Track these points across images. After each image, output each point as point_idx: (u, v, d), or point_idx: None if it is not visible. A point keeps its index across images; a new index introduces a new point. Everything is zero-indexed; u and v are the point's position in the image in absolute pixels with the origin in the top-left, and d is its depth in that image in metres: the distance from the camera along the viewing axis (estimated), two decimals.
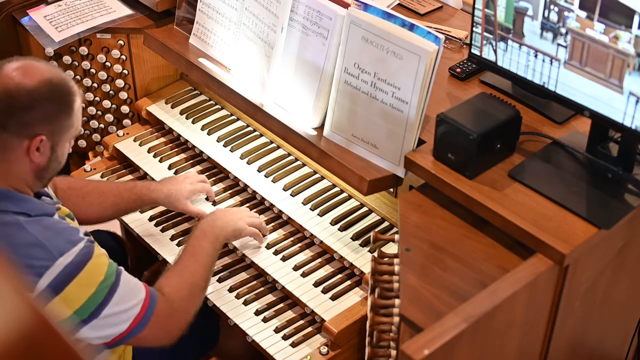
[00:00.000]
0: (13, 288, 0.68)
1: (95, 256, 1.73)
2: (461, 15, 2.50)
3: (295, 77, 2.16)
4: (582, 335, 1.98)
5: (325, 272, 2.12)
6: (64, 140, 1.76)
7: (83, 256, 1.71)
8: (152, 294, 1.81)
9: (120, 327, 1.76)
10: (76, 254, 1.70)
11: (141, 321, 1.77)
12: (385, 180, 2.01)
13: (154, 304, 1.80)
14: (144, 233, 2.31)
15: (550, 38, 1.79)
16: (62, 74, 1.77)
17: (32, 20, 2.61)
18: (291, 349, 1.99)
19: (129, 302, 1.76)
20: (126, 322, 1.76)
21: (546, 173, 1.86)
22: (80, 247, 1.71)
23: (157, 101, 2.63)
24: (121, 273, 1.77)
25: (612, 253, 1.84)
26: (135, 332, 1.77)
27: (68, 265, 1.68)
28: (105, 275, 1.73)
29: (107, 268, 1.74)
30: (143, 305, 1.78)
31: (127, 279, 1.78)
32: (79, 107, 1.78)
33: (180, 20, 2.55)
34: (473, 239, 1.79)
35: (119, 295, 1.74)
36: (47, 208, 1.77)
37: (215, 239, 2.01)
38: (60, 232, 1.73)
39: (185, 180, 2.26)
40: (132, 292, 1.78)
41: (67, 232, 1.73)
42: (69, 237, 1.72)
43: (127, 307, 1.76)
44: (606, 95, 1.72)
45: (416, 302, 1.63)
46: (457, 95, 2.13)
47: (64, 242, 1.71)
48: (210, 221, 2.04)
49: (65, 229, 1.74)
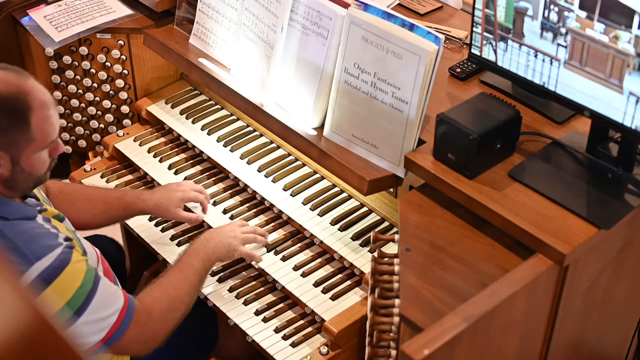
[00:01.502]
0: (13, 288, 0.68)
1: (72, 262, 1.70)
2: (461, 15, 2.50)
3: (295, 77, 2.16)
4: (582, 335, 1.98)
5: (325, 272, 2.12)
6: (28, 153, 1.69)
7: (61, 262, 1.68)
8: (130, 303, 1.78)
9: (97, 336, 1.73)
10: (53, 259, 1.67)
11: (117, 330, 1.75)
12: (385, 180, 2.01)
13: (132, 313, 1.77)
14: (144, 233, 2.31)
15: (550, 38, 1.79)
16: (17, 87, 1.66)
17: (32, 20, 2.61)
18: (291, 349, 1.99)
19: (106, 310, 1.73)
20: (103, 331, 1.73)
21: (546, 173, 1.86)
22: (57, 252, 1.68)
23: (157, 101, 2.63)
24: (100, 280, 1.74)
25: (612, 253, 1.84)
26: (111, 342, 1.75)
27: (45, 270, 1.66)
28: (82, 282, 1.70)
29: (85, 274, 1.71)
30: (120, 313, 1.75)
31: (106, 287, 1.75)
32: (42, 119, 1.68)
33: (180, 20, 2.55)
34: (473, 239, 1.79)
35: (96, 303, 1.71)
36: (28, 211, 1.75)
37: (207, 259, 1.98)
38: (38, 237, 1.70)
39: (177, 189, 2.22)
40: (110, 300, 1.75)
41: (44, 237, 1.71)
42: (47, 241, 1.70)
43: (104, 316, 1.73)
44: (606, 95, 1.72)
45: (416, 302, 1.63)
46: (457, 95, 2.13)
47: (41, 247, 1.68)
48: (203, 241, 2.02)
49: (43, 233, 1.71)
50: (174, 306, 1.88)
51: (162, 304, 1.86)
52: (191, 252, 1.98)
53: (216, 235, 2.04)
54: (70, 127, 2.77)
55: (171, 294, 1.88)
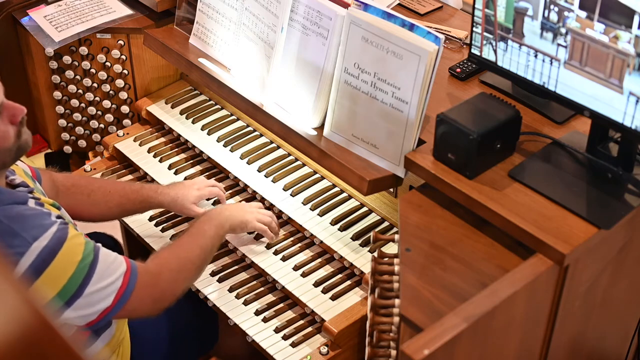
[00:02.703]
0: (13, 288, 0.69)
1: (70, 237, 1.72)
2: (461, 15, 2.50)
3: (295, 77, 2.16)
4: (582, 335, 1.98)
5: (325, 272, 2.12)
6: None
7: (58, 239, 1.70)
8: (132, 267, 1.81)
9: (105, 302, 1.76)
10: (50, 237, 1.69)
11: (124, 294, 1.78)
12: (385, 180, 2.01)
13: (135, 275, 1.80)
14: (144, 233, 2.31)
15: (550, 38, 1.79)
16: None
17: (32, 20, 2.61)
18: (291, 349, 1.99)
19: (110, 277, 1.76)
20: (110, 296, 1.76)
21: (546, 173, 1.86)
22: (53, 230, 1.71)
23: (157, 101, 2.63)
24: (99, 250, 1.78)
25: (612, 253, 1.84)
26: (120, 305, 1.78)
27: (44, 249, 1.68)
28: (83, 255, 1.73)
29: (84, 247, 1.74)
30: (124, 278, 1.78)
31: (106, 255, 1.78)
32: None
33: (180, 20, 2.55)
34: (473, 239, 1.79)
35: (99, 272, 1.74)
36: (18, 196, 1.76)
37: (220, 226, 2.01)
38: (32, 218, 1.72)
39: (192, 186, 2.25)
40: (112, 266, 1.78)
41: (38, 217, 1.73)
42: (41, 221, 1.72)
43: (109, 282, 1.76)
44: (606, 95, 1.72)
45: (416, 302, 1.63)
46: (457, 95, 2.13)
47: (37, 227, 1.70)
48: (218, 210, 2.06)
49: (36, 214, 1.73)
50: (184, 267, 1.90)
51: (170, 264, 1.89)
52: (204, 219, 2.01)
53: (232, 208, 2.10)
54: (70, 127, 2.77)
55: (180, 255, 1.91)
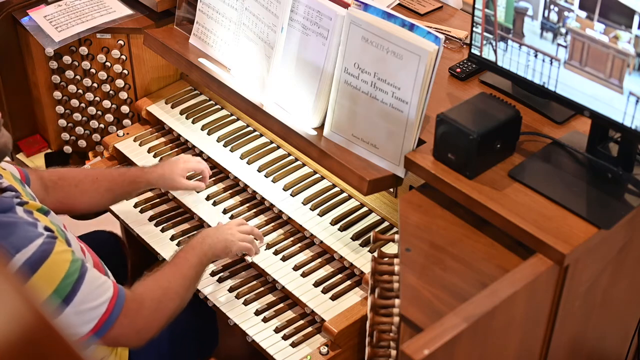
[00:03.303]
0: (13, 288, 0.68)
1: (55, 252, 1.65)
2: (461, 15, 2.50)
3: (295, 77, 2.16)
4: (582, 335, 1.98)
5: (325, 272, 2.12)
6: None
7: (42, 252, 1.64)
8: (120, 293, 1.75)
9: (86, 326, 1.69)
10: (34, 250, 1.63)
11: (107, 321, 1.71)
12: (385, 180, 2.00)
13: (122, 303, 1.74)
14: (144, 233, 2.31)
15: (550, 38, 1.79)
16: None
17: (32, 20, 2.61)
18: (291, 349, 1.99)
19: (94, 301, 1.70)
20: (92, 321, 1.69)
21: (546, 173, 1.86)
22: (38, 243, 1.64)
23: (157, 101, 2.63)
24: (87, 271, 1.70)
25: (612, 253, 1.84)
26: (101, 332, 1.71)
27: (26, 262, 1.62)
28: (67, 272, 1.66)
29: (70, 265, 1.67)
30: (110, 303, 1.72)
31: (94, 277, 1.72)
32: None
33: (180, 20, 2.55)
34: (473, 239, 1.79)
35: (82, 294, 1.67)
36: (4, 202, 1.69)
37: (204, 254, 1.97)
38: (16, 228, 1.65)
39: (178, 160, 2.27)
40: (98, 290, 1.71)
41: (23, 228, 1.66)
42: (26, 233, 1.65)
43: (92, 306, 1.69)
44: (606, 95, 1.72)
45: (416, 302, 1.63)
46: (457, 95, 2.13)
47: (20, 239, 1.64)
48: (200, 238, 2.01)
49: (21, 224, 1.67)
50: (167, 297, 1.85)
51: (154, 294, 1.83)
52: (187, 248, 1.98)
53: (213, 233, 2.04)
54: (70, 127, 2.77)
55: (164, 285, 1.86)
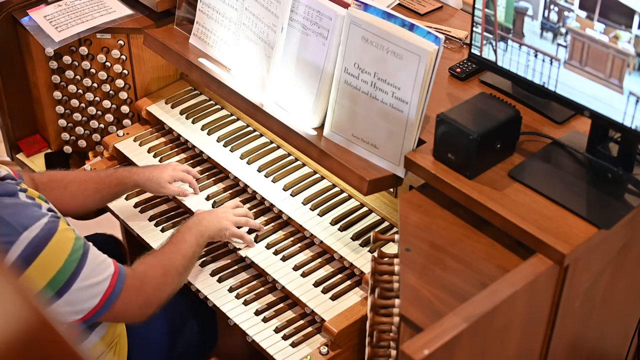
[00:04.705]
0: (13, 287, 0.68)
1: (60, 230, 1.75)
2: (461, 15, 2.50)
3: (295, 77, 2.16)
4: (582, 335, 1.98)
5: (325, 272, 2.12)
6: None
7: (48, 230, 1.73)
8: (120, 270, 1.84)
9: (92, 301, 1.78)
10: (40, 228, 1.72)
11: (110, 295, 1.80)
12: (385, 180, 2.00)
13: (123, 278, 1.83)
14: (144, 233, 2.31)
15: (550, 38, 1.79)
16: None
17: (32, 20, 2.61)
18: (291, 349, 1.99)
19: (98, 276, 1.79)
20: (97, 296, 1.79)
21: (546, 173, 1.86)
22: (44, 221, 1.73)
23: (157, 101, 2.63)
24: (89, 248, 1.80)
25: (612, 253, 1.84)
26: (106, 307, 1.80)
27: (33, 239, 1.71)
28: (72, 249, 1.75)
29: (74, 242, 1.77)
30: (112, 279, 1.81)
31: (95, 254, 1.81)
32: None
33: (180, 20, 2.55)
34: (473, 239, 1.79)
35: (87, 269, 1.77)
36: (8, 187, 1.79)
37: (200, 235, 2.05)
38: (23, 208, 1.75)
39: (167, 167, 2.31)
40: (101, 267, 1.81)
41: (29, 209, 1.76)
42: (32, 212, 1.75)
43: (96, 281, 1.78)
44: (606, 95, 1.72)
45: (416, 302, 1.63)
46: (457, 95, 2.13)
47: (27, 218, 1.73)
48: (196, 219, 2.09)
49: (27, 205, 1.77)
50: (168, 273, 1.94)
51: (155, 270, 1.92)
52: (184, 229, 2.05)
53: (208, 215, 2.12)
54: (70, 127, 2.77)
55: (165, 262, 1.95)
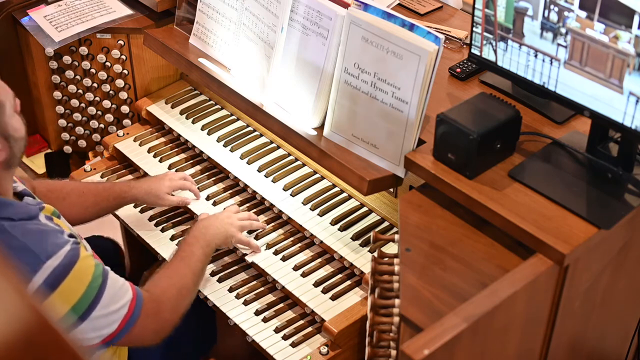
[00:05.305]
0: (13, 288, 0.68)
1: (81, 258, 1.73)
2: (461, 15, 2.50)
3: (295, 77, 2.16)
4: (582, 335, 1.98)
5: (325, 272, 2.12)
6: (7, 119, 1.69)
7: (71, 258, 1.71)
8: (138, 295, 1.83)
9: (110, 328, 1.77)
10: (63, 256, 1.70)
11: (129, 321, 1.79)
12: (385, 180, 2.00)
13: (141, 304, 1.82)
14: (144, 233, 2.31)
15: (550, 38, 1.79)
16: None
17: (32, 20, 2.61)
18: (291, 349, 1.99)
19: (117, 303, 1.78)
20: (115, 323, 1.78)
21: (546, 173, 1.86)
22: (67, 249, 1.71)
23: (157, 101, 2.63)
24: (108, 274, 1.79)
25: (612, 253, 1.84)
26: (124, 332, 1.80)
27: (56, 268, 1.69)
28: (92, 277, 1.74)
29: (94, 269, 1.75)
30: (130, 305, 1.80)
31: (114, 280, 1.80)
32: None
33: (180, 20, 2.55)
34: (473, 239, 1.79)
35: (107, 297, 1.75)
36: (31, 210, 1.77)
37: (207, 245, 2.03)
38: (46, 235, 1.73)
39: (164, 177, 2.29)
40: (120, 292, 1.79)
41: (52, 235, 1.74)
42: (55, 239, 1.73)
43: (115, 308, 1.77)
44: (606, 95, 1.72)
45: (416, 302, 1.63)
46: (457, 95, 2.13)
47: (51, 245, 1.71)
48: (202, 228, 2.06)
49: (50, 231, 1.74)
50: (182, 294, 1.93)
51: (170, 293, 1.90)
52: (191, 240, 2.02)
53: (213, 222, 2.09)
54: (70, 127, 2.77)
55: (177, 283, 1.93)
